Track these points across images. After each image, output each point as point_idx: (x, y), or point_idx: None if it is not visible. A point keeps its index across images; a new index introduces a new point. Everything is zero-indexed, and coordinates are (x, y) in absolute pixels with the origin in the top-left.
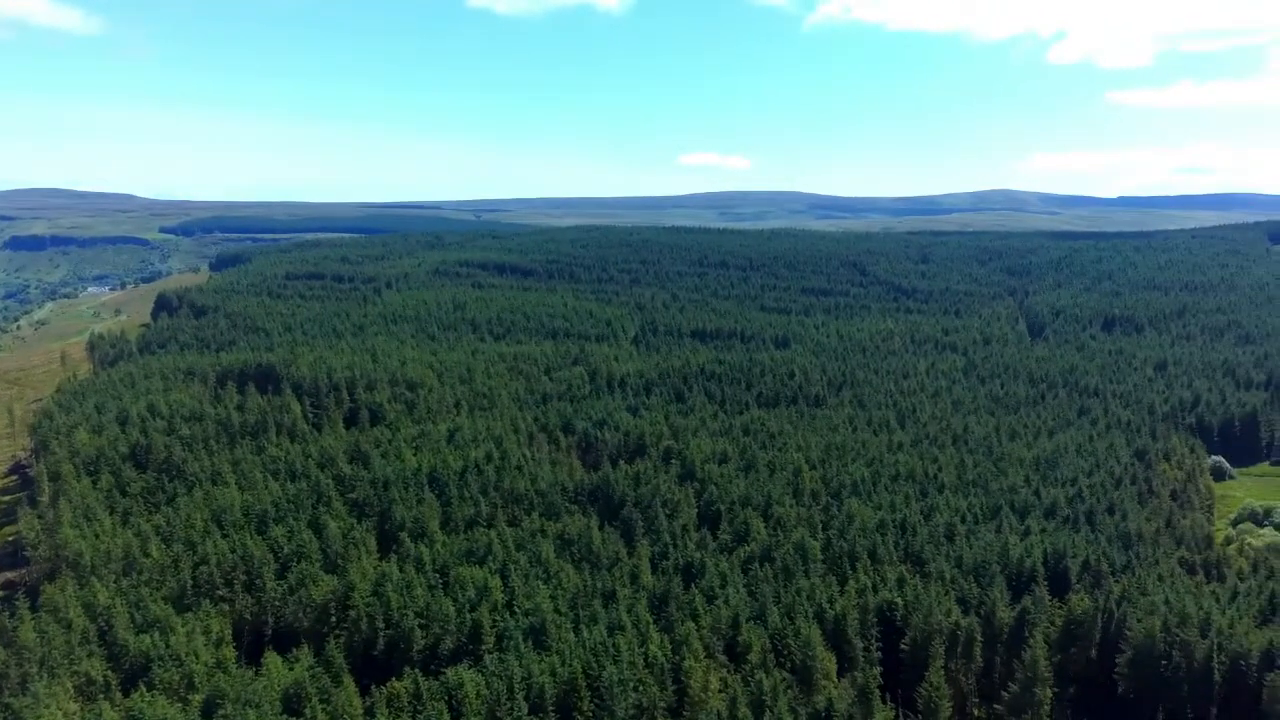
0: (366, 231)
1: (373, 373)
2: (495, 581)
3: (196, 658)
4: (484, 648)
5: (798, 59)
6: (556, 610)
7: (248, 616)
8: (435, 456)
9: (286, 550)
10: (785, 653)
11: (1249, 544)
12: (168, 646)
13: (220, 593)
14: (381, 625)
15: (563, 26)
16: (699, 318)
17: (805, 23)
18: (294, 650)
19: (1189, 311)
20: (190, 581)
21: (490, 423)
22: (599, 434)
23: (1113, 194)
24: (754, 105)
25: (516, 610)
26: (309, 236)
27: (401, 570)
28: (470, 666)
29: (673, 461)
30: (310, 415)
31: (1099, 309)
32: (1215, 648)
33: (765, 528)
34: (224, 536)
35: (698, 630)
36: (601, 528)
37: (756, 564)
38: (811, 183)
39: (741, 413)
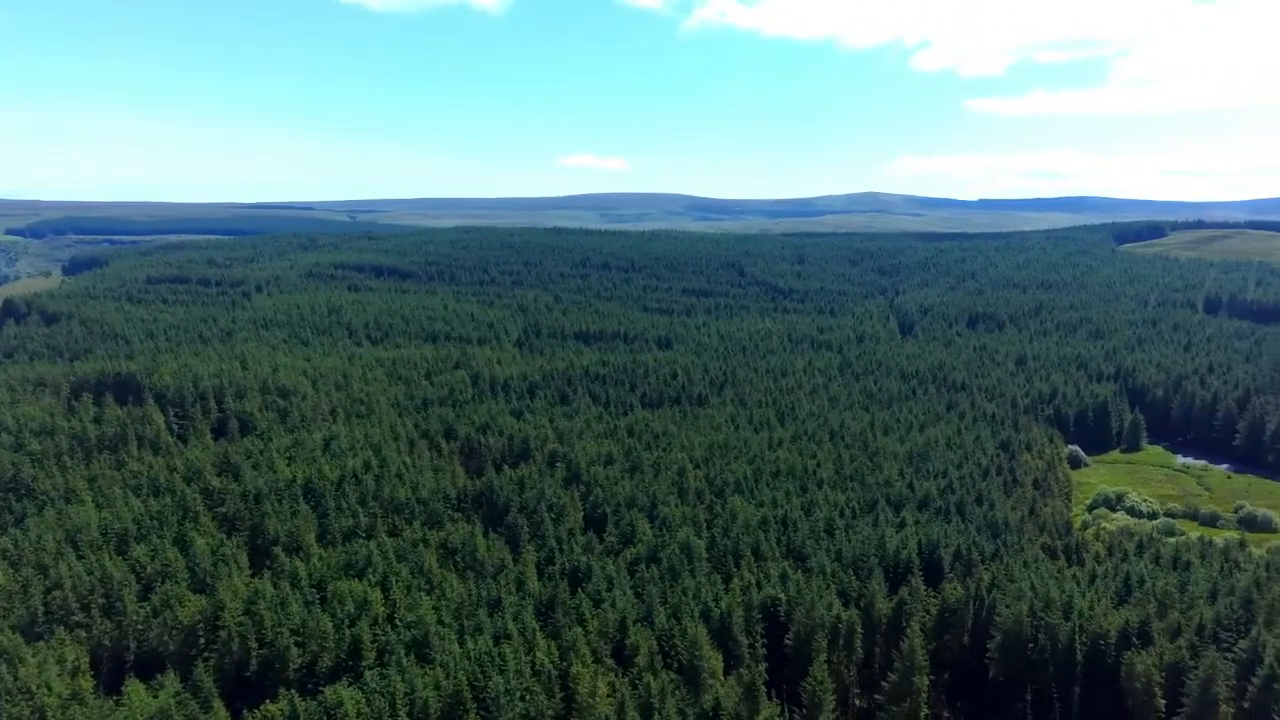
0: (234, 233)
1: (242, 380)
2: (376, 594)
3: (49, 690)
4: (364, 664)
5: (675, 62)
6: (440, 621)
7: (107, 643)
8: (310, 467)
9: (149, 570)
10: (672, 653)
11: (1104, 528)
12: (16, 679)
13: (76, 618)
14: (254, 645)
15: (439, 25)
16: (582, 319)
17: (682, 27)
18: (158, 676)
19: (1045, 309)
20: (42, 608)
21: (368, 430)
22: (482, 439)
23: (973, 197)
24: (633, 108)
25: (398, 623)
26: (172, 238)
27: (276, 587)
28: (350, 684)
29: (558, 465)
30: (175, 427)
31: (964, 307)
32: (1077, 629)
33: (651, 528)
34: (79, 558)
35: (585, 635)
36: (486, 534)
37: (643, 565)
38: (690, 185)
39: (626, 414)
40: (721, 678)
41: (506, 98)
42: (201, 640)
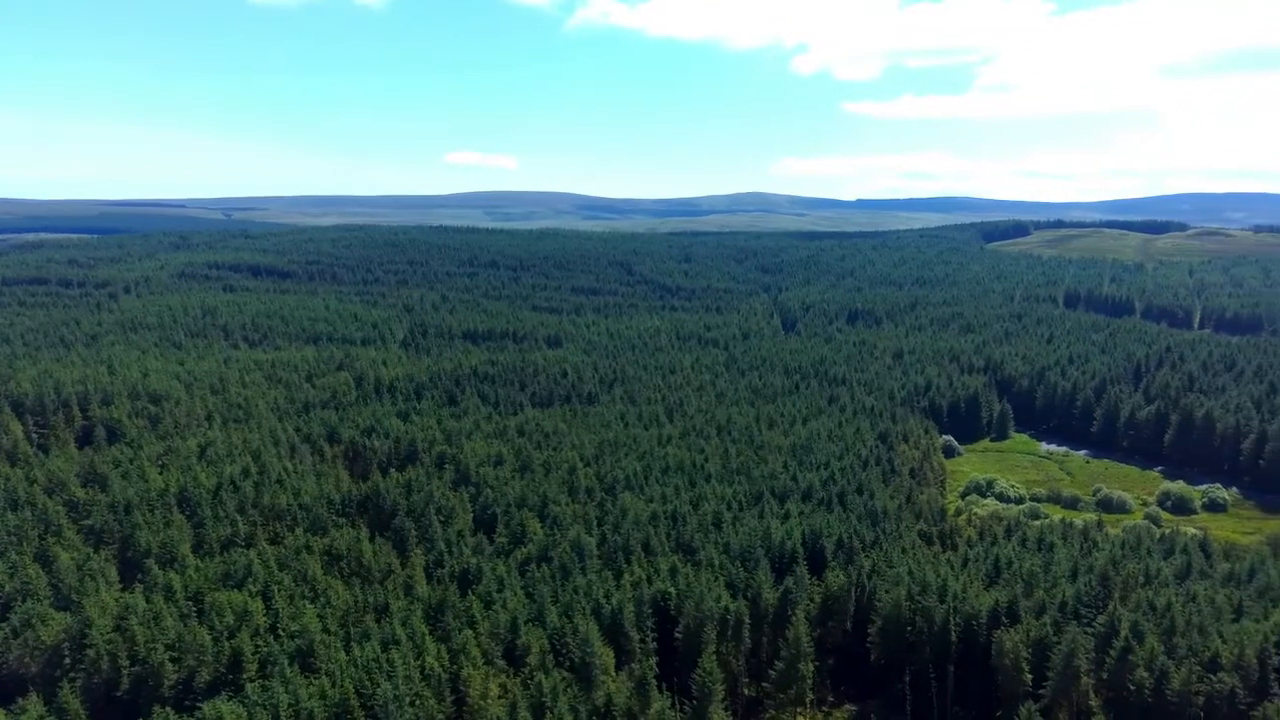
0: (100, 232)
1: (109, 386)
2: (257, 604)
3: None
4: (245, 676)
5: (560, 61)
6: (325, 630)
7: None
8: (185, 475)
9: (8, 589)
10: (564, 652)
11: (975, 514)
12: None
13: None
14: (125, 663)
15: (318, 18)
16: (470, 319)
17: (565, 25)
18: (20, 700)
19: (920, 305)
20: None
21: (247, 435)
22: (367, 442)
23: (851, 197)
24: (520, 105)
25: (281, 633)
26: (30, 237)
27: (149, 601)
28: (230, 697)
29: (446, 466)
30: (35, 436)
31: (843, 303)
32: (951, 611)
33: (542, 528)
34: None
35: (476, 637)
36: (372, 539)
37: (534, 565)
38: (578, 183)
39: (516, 413)
40: (613, 673)
41: (390, 94)
42: (67, 660)
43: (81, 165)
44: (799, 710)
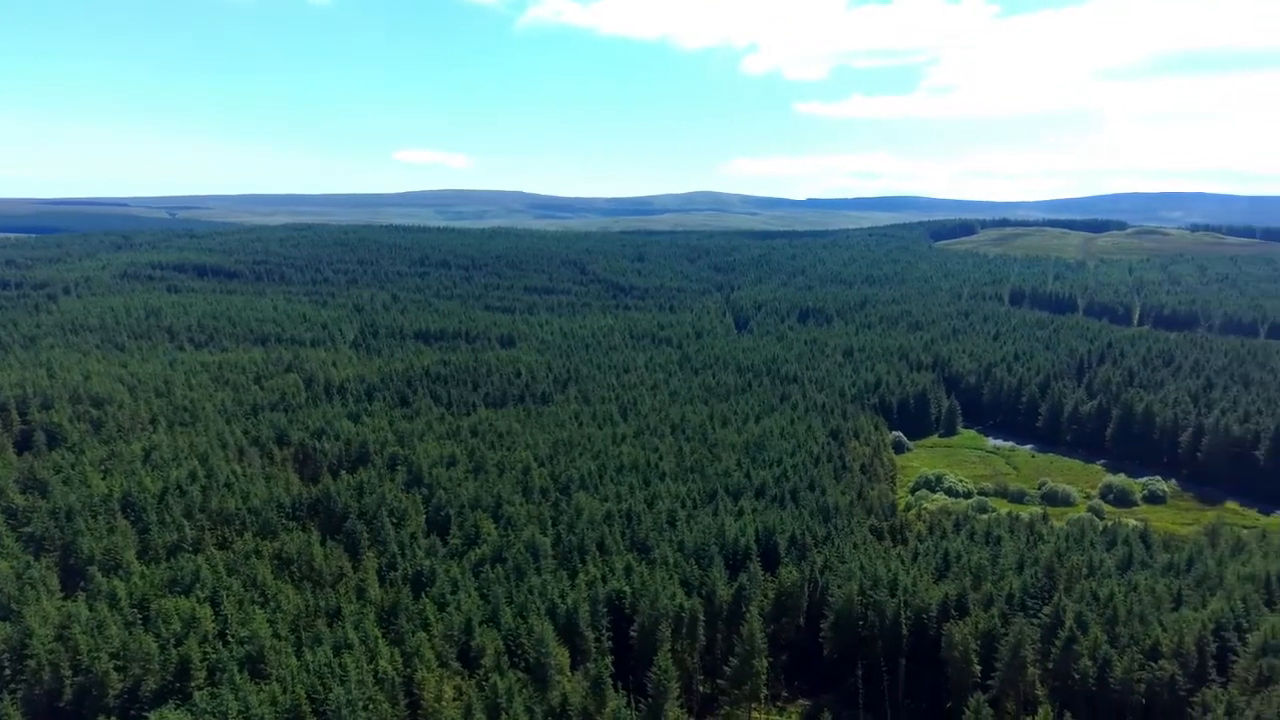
0: (39, 231)
1: (49, 390)
2: (205, 611)
3: None
4: (194, 684)
5: (512, 59)
6: (276, 635)
7: None
8: (129, 479)
9: None
10: (519, 652)
11: (925, 508)
12: None
13: None
14: (69, 672)
15: (267, 14)
16: (422, 319)
17: (517, 24)
18: None
19: (870, 303)
20: None
21: (193, 438)
22: (317, 444)
23: (802, 196)
24: (471, 103)
25: (230, 640)
26: None
27: (92, 609)
28: (178, 706)
29: (399, 468)
30: None
31: (795, 302)
32: (902, 605)
33: (496, 528)
34: None
35: (429, 640)
36: (324, 543)
37: (488, 566)
38: (530, 182)
39: (469, 414)
40: (569, 673)
41: (340, 91)
42: (7, 671)
43: (14, 163)
44: (754, 706)
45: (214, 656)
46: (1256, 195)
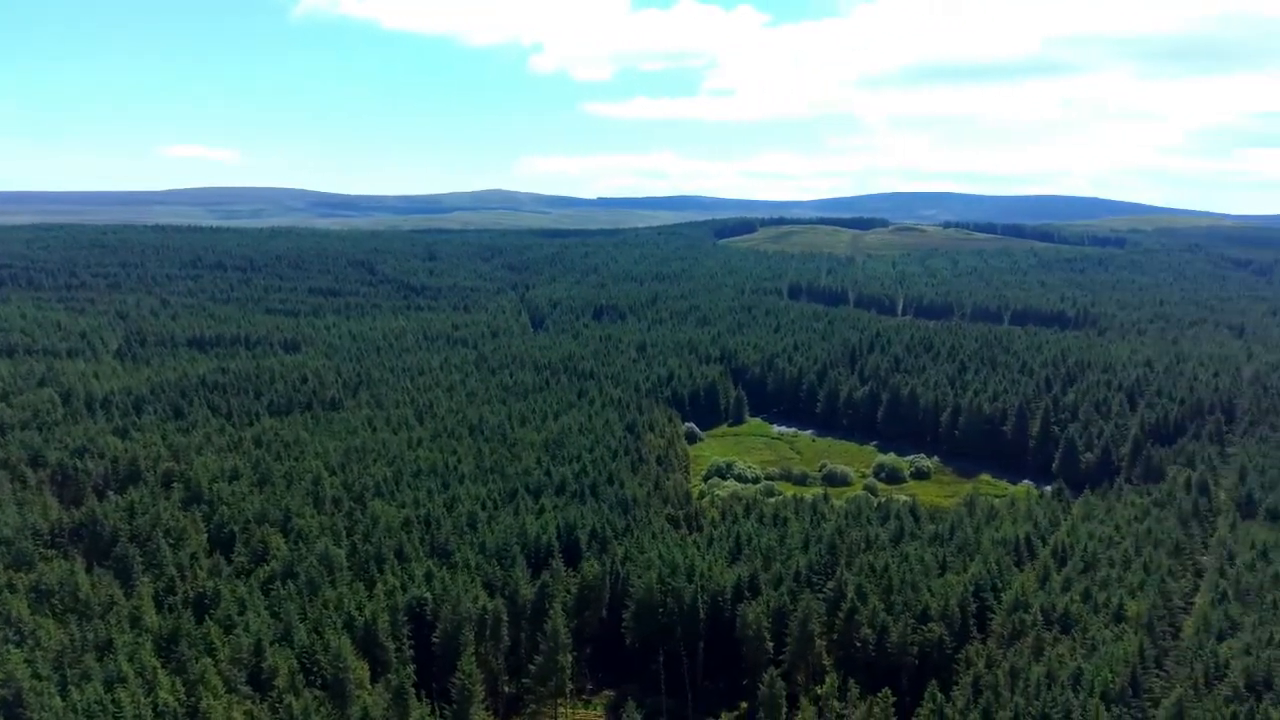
0: None
1: None
2: None
3: None
4: None
5: (288, 50)
6: (36, 675)
7: None
8: None
9: None
10: (316, 670)
11: (717, 495)
12: None
13: None
14: None
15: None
16: (196, 324)
17: (292, 13)
18: None
19: (660, 299)
20: None
21: None
22: (79, 464)
23: (593, 195)
24: (244, 97)
25: None
26: None
27: None
28: None
29: (175, 485)
30: None
31: (589, 299)
32: (699, 589)
33: (286, 543)
34: None
35: (215, 664)
36: (90, 570)
37: (279, 583)
38: (311, 179)
39: (252, 424)
40: (369, 686)
41: (95, 79)
42: None
43: None
44: (559, 701)
45: None
46: (998, 195)
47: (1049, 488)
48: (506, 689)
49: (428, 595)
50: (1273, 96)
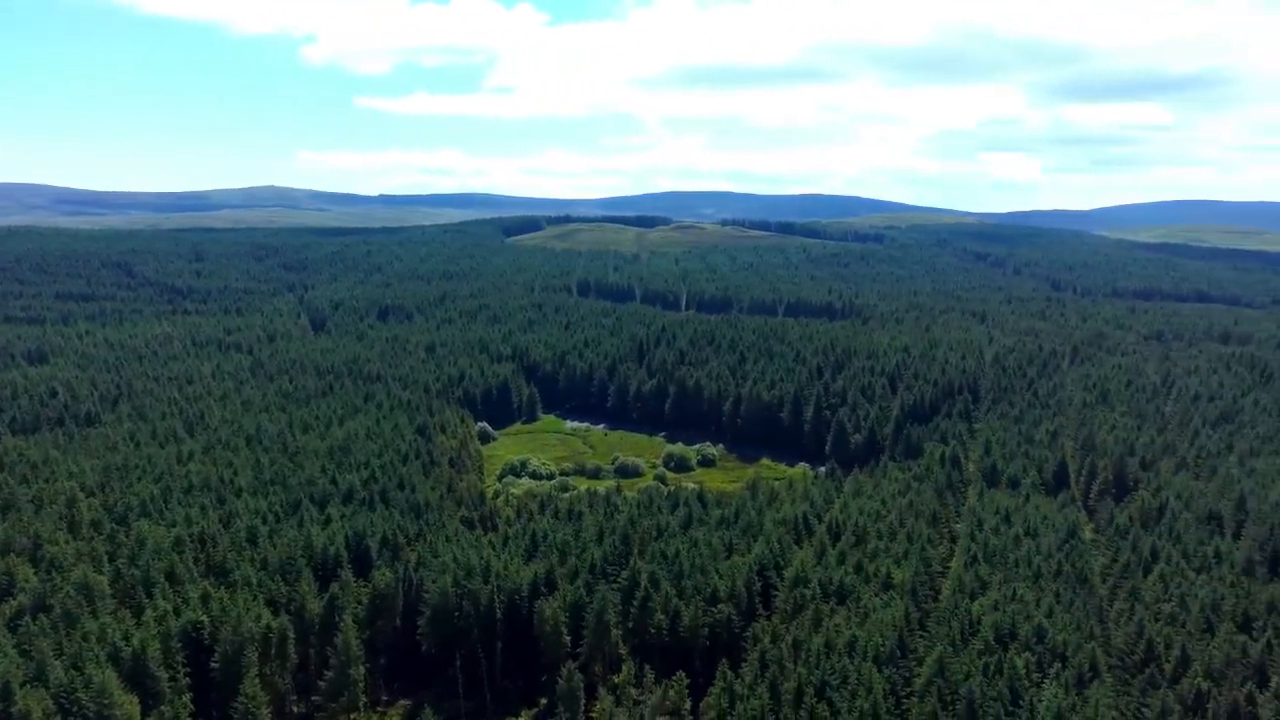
0: None
1: None
2: None
3: None
4: None
5: (25, 32)
6: None
7: None
8: None
9: None
10: (76, 710)
11: (512, 494)
12: None
13: None
14: None
15: None
16: None
17: None
18: None
19: (449, 298)
20: None
21: None
22: None
23: (374, 192)
24: None
25: None
26: None
27: None
28: None
29: None
30: None
31: (374, 300)
32: (495, 590)
33: (36, 573)
34: None
35: None
36: None
37: (28, 618)
38: (55, 175)
39: None
40: None
41: None
42: None
43: None
44: (353, 715)
45: None
46: (770, 194)
47: (823, 468)
48: (295, 708)
49: (205, 618)
50: (1009, 105)
